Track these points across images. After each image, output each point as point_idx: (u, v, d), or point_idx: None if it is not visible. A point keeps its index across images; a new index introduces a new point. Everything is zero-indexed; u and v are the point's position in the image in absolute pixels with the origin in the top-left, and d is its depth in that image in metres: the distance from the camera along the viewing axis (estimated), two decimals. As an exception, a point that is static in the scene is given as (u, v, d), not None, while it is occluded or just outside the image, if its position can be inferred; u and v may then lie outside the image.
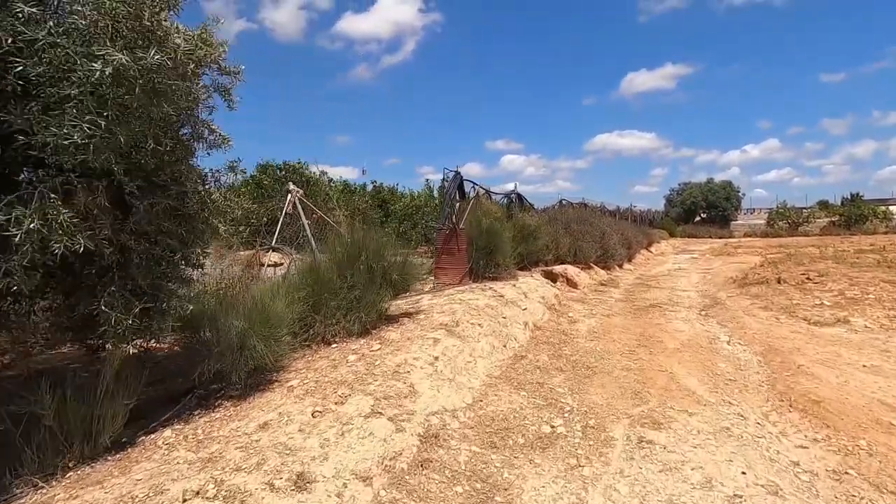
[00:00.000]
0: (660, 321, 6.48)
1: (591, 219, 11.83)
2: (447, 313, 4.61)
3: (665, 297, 8.52)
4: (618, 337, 5.57)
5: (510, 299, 5.64)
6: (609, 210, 22.73)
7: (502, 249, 7.15)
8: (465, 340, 3.99)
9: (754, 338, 5.57)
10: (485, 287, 6.12)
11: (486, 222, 7.33)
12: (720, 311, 7.29)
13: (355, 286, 4.23)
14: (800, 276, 8.51)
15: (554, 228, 9.90)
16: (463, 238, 6.67)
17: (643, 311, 7.26)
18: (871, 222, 34.67)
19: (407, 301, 5.51)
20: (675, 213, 39.19)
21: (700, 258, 18.20)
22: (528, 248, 8.81)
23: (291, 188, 6.54)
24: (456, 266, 6.59)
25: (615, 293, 9.00)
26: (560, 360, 4.53)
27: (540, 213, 11.21)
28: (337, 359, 3.51)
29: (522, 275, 8.01)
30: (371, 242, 4.47)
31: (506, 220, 8.84)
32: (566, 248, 9.89)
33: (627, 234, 15.35)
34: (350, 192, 9.41)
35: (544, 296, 6.57)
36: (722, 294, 8.61)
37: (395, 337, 3.96)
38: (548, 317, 5.92)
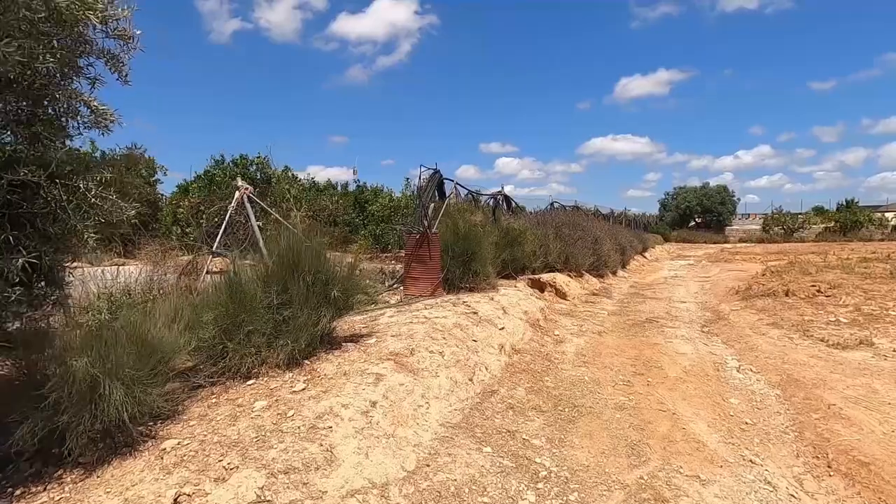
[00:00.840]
0: (657, 340, 5.70)
1: (584, 223, 11.07)
2: (404, 336, 3.80)
3: (662, 310, 7.75)
4: (610, 361, 4.78)
5: (485, 317, 4.83)
6: (603, 214, 22.03)
7: (482, 257, 6.34)
8: (418, 376, 3.17)
9: (768, 363, 4.80)
10: (458, 300, 5.31)
11: (464, 226, 6.53)
12: (724, 327, 6.52)
13: (286, 304, 3.41)
14: (809, 287, 7.77)
15: (543, 233, 9.11)
16: (436, 244, 5.86)
17: (639, 327, 6.47)
18: (867, 228, 34.30)
19: (365, 317, 4.69)
20: (670, 218, 38.61)
21: (696, 265, 17.51)
22: (514, 255, 8.02)
23: (239, 184, 5.71)
24: (427, 275, 5.78)
25: (608, 305, 8.22)
26: (540, 394, 3.72)
27: (528, 217, 10.43)
28: (244, 404, 2.68)
29: (506, 284, 7.22)
30: (309, 250, 3.65)
31: (489, 224, 8.05)
32: (556, 255, 9.10)
33: (621, 239, 14.61)
34: (317, 190, 8.58)
35: (527, 310, 5.77)
36: (724, 307, 7.85)
37: (329, 371, 3.14)
38: (529, 336, 5.11)
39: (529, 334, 5.17)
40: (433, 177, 7.93)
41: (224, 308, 3.17)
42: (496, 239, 7.89)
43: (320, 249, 3.70)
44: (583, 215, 13.15)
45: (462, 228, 6.44)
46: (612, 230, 14.92)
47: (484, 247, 6.49)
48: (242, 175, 6.96)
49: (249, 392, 2.86)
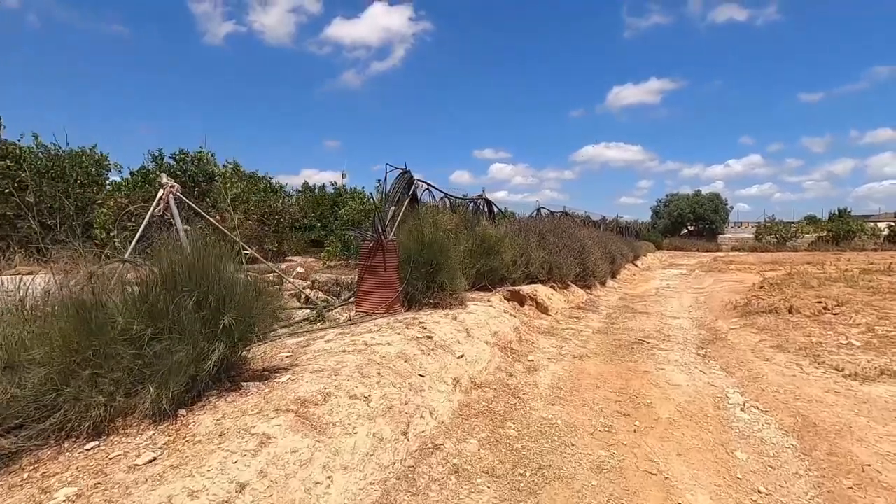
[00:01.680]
0: (647, 367, 4.93)
1: (570, 230, 10.33)
2: (327, 372, 2.99)
3: (653, 328, 7.00)
4: (591, 396, 3.99)
5: (442, 341, 4.03)
6: (594, 220, 21.36)
7: (449, 267, 5.55)
8: (325, 434, 2.36)
9: (777, 399, 4.04)
10: (414, 320, 4.50)
11: (430, 233, 5.75)
12: (723, 350, 5.77)
13: (163, 335, 2.60)
14: (815, 304, 7.06)
15: (524, 241, 8.35)
16: (392, 253, 5.07)
17: (626, 349, 5.70)
18: (860, 238, 33.99)
19: (299, 341, 3.87)
20: (662, 225, 38.14)
21: (689, 274, 16.84)
22: (490, 265, 7.25)
23: (164, 181, 4.89)
24: (381, 290, 4.98)
25: (594, 321, 7.45)
26: (497, 448, 2.92)
27: (510, 223, 9.67)
28: (49, 489, 1.86)
29: (479, 298, 6.43)
30: (204, 262, 2.84)
31: (463, 231, 7.27)
32: (538, 265, 8.34)
33: (611, 247, 13.90)
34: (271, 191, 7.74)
35: (498, 331, 4.98)
36: (722, 324, 7.11)
37: (203, 428, 2.32)
38: (497, 364, 4.32)
39: (497, 361, 4.37)
40: (401, 177, 7.15)
41: (63, 340, 2.34)
42: (471, 247, 7.13)
43: (215, 263, 2.89)
44: (570, 222, 12.42)
45: (428, 235, 5.65)
46: (602, 238, 14.22)
47: (452, 256, 5.71)
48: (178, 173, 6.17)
49: (74, 465, 2.04)
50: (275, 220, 7.07)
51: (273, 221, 6.83)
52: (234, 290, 2.89)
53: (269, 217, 6.95)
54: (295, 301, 5.56)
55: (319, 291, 5.90)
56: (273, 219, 6.99)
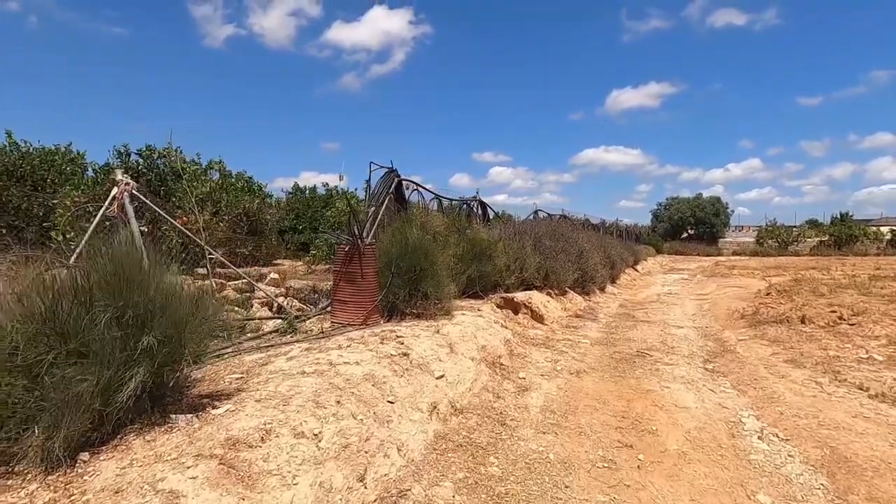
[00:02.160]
0: (651, 385, 4.46)
1: (568, 234, 9.87)
2: (274, 401, 2.53)
3: (656, 338, 6.53)
4: (588, 422, 3.52)
5: (419, 359, 3.56)
6: (593, 224, 20.92)
7: (435, 274, 5.09)
8: (253, 488, 1.89)
9: (799, 425, 3.57)
10: (391, 333, 4.04)
11: (415, 236, 5.29)
12: (733, 364, 5.30)
13: (70, 359, 2.14)
14: (828, 313, 6.60)
15: (519, 245, 7.90)
16: (370, 259, 4.60)
17: (627, 363, 5.23)
18: (862, 243, 33.58)
19: (257, 358, 3.41)
20: (662, 229, 37.70)
21: (691, 279, 16.39)
22: (482, 270, 6.79)
23: (118, 178, 4.43)
24: (358, 299, 4.51)
25: (592, 331, 6.98)
26: (476, 493, 2.45)
27: (505, 226, 9.22)
28: None
29: (469, 307, 5.97)
30: (128, 269, 2.38)
31: (453, 235, 6.82)
32: (533, 270, 7.88)
33: (611, 251, 13.44)
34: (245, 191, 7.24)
35: (486, 344, 4.51)
36: (730, 335, 6.65)
37: (101, 480, 1.86)
38: (483, 383, 3.85)
39: (483, 380, 3.90)
40: (386, 177, 6.71)
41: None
42: (461, 252, 6.68)
43: (145, 269, 2.43)
44: (568, 225, 11.98)
45: (412, 239, 5.19)
46: (601, 242, 13.77)
47: (439, 262, 5.25)
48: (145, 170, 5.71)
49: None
50: (249, 221, 6.58)
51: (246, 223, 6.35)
52: (166, 302, 2.42)
53: (242, 218, 6.46)
54: (266, 310, 5.10)
55: (294, 299, 5.44)
56: (246, 220, 6.50)
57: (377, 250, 5.07)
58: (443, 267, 5.43)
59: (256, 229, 6.62)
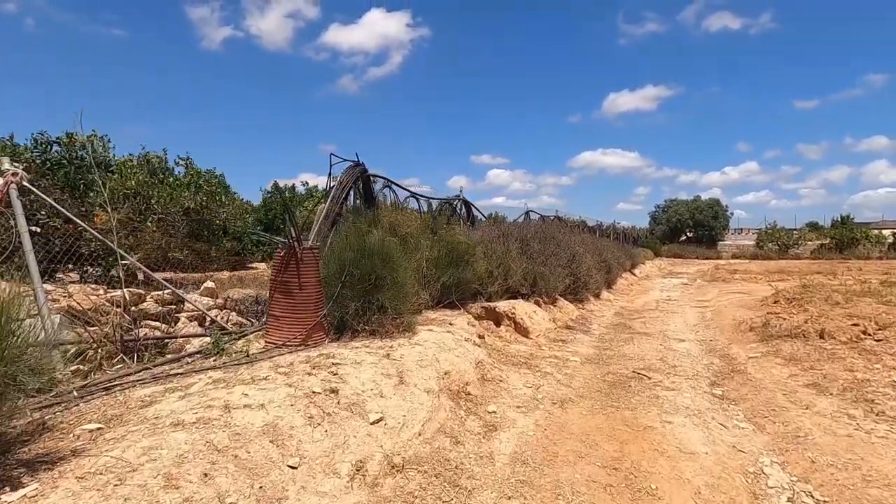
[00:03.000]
0: (650, 418, 3.69)
1: (560, 236, 9.11)
2: (104, 480, 1.75)
3: (655, 355, 5.76)
4: (569, 478, 2.75)
5: (352, 396, 2.78)
6: (589, 226, 20.18)
7: (396, 283, 4.32)
8: None
9: (839, 482, 2.79)
10: (326, 360, 3.25)
11: (375, 238, 4.51)
12: (745, 388, 4.53)
13: None
14: (850, 327, 5.83)
15: (503, 249, 7.13)
16: (311, 265, 3.82)
17: (622, 387, 4.46)
18: (864, 246, 32.91)
19: (146, 394, 2.63)
20: (661, 232, 37.01)
21: (691, 284, 15.64)
22: (460, 277, 6.01)
23: (4, 168, 3.66)
24: (295, 314, 3.73)
25: (584, 345, 6.21)
26: None
27: (490, 227, 8.46)
28: None
29: (440, 319, 5.19)
30: None
31: (426, 237, 6.05)
32: (519, 276, 7.11)
33: (607, 255, 12.69)
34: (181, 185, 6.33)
35: (451, 369, 3.73)
36: (738, 351, 5.88)
37: None
38: (440, 422, 3.07)
39: (441, 419, 3.12)
40: (350, 171, 5.94)
41: None
42: (436, 256, 5.91)
43: None
44: (562, 227, 11.23)
45: (371, 242, 4.42)
46: (597, 245, 13.02)
47: (401, 268, 4.47)
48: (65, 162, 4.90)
49: None
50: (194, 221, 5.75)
51: (185, 223, 5.55)
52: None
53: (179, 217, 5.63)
54: (194, 326, 4.31)
55: (234, 312, 4.65)
56: (186, 220, 5.68)
57: (324, 255, 4.30)
58: (408, 274, 4.66)
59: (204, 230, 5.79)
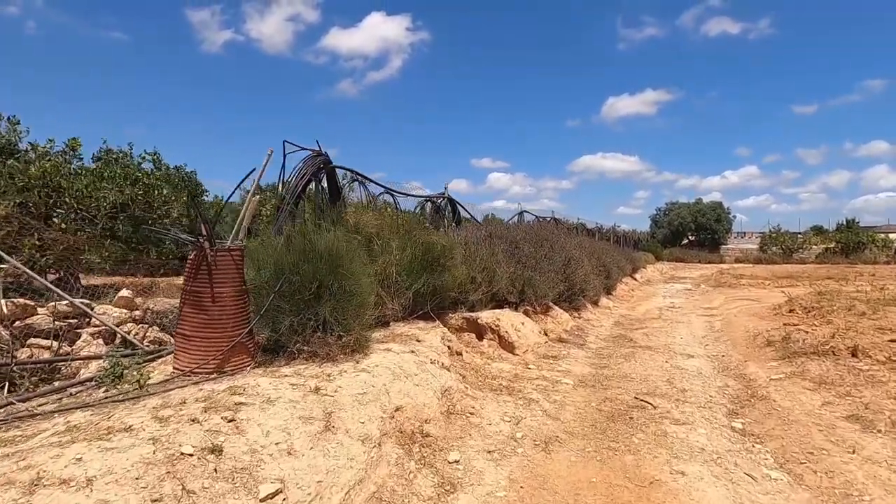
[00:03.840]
0: (657, 468, 2.90)
1: (554, 238, 8.32)
2: None
3: (660, 375, 4.97)
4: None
5: (243, 454, 2.00)
6: (588, 228, 19.40)
7: (345, 292, 3.54)
8: None
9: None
10: (229, 396, 2.47)
11: (327, 239, 3.74)
12: (771, 420, 3.74)
13: None
14: (886, 343, 5.03)
15: (488, 252, 6.35)
16: (228, 272, 3.04)
17: (622, 420, 3.67)
18: (871, 250, 32.09)
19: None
20: (662, 235, 36.20)
21: (695, 290, 14.84)
22: (435, 284, 5.22)
23: None
24: (208, 332, 2.95)
25: (577, 363, 5.41)
26: None
27: (477, 228, 7.68)
28: None
29: (406, 335, 4.41)
30: None
31: (395, 237, 5.27)
32: (507, 282, 6.33)
33: (606, 259, 11.90)
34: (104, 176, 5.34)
35: (404, 404, 2.95)
36: (756, 370, 5.08)
37: None
38: (376, 484, 2.28)
39: (379, 478, 2.33)
40: (310, 162, 5.19)
41: None
42: (408, 259, 5.13)
43: None
44: (558, 229, 10.46)
45: (322, 244, 3.65)
46: (595, 248, 12.23)
47: (357, 275, 3.69)
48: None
49: None
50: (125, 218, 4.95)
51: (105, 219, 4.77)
52: None
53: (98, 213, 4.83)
54: (98, 345, 3.53)
55: (154, 327, 3.87)
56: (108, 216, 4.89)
57: (261, 258, 3.52)
58: (365, 282, 3.88)
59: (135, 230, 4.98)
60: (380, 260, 4.76)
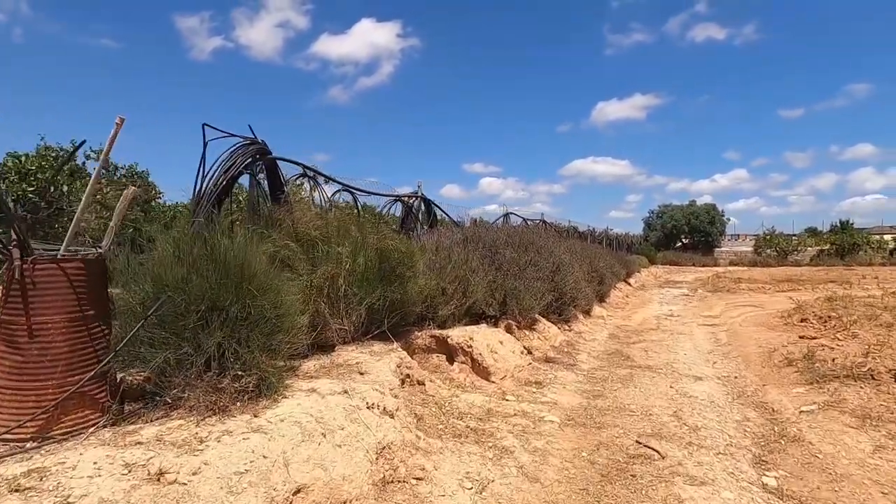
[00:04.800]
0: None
1: (542, 242, 7.47)
2: None
3: (665, 404, 4.10)
4: None
5: None
6: (580, 231, 18.60)
7: (255, 315, 2.65)
8: None
9: None
10: (19, 491, 1.56)
11: (238, 244, 2.86)
12: (811, 475, 2.88)
13: None
14: (933, 363, 4.22)
15: (464, 258, 5.47)
16: (59, 293, 2.13)
17: (621, 481, 2.79)
18: (866, 252, 31.63)
19: None
20: (655, 238, 35.53)
21: (692, 295, 14.05)
22: (395, 296, 4.33)
23: None
24: (27, 379, 2.04)
25: (566, 390, 4.52)
26: None
27: (452, 232, 6.81)
28: None
29: (349, 364, 3.51)
30: None
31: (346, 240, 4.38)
32: (483, 293, 5.46)
33: (599, 264, 11.08)
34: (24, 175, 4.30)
35: (310, 481, 2.05)
36: (778, 397, 4.23)
37: None
38: None
39: None
40: (241, 151, 4.30)
41: None
42: (362, 268, 4.24)
43: None
44: (545, 232, 9.61)
45: (220, 250, 2.75)
46: (587, 252, 11.41)
47: (270, 292, 2.80)
48: None
49: None
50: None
51: None
52: None
53: None
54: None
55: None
56: None
57: (142, 271, 2.62)
58: (290, 300, 2.99)
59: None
60: (320, 270, 3.87)
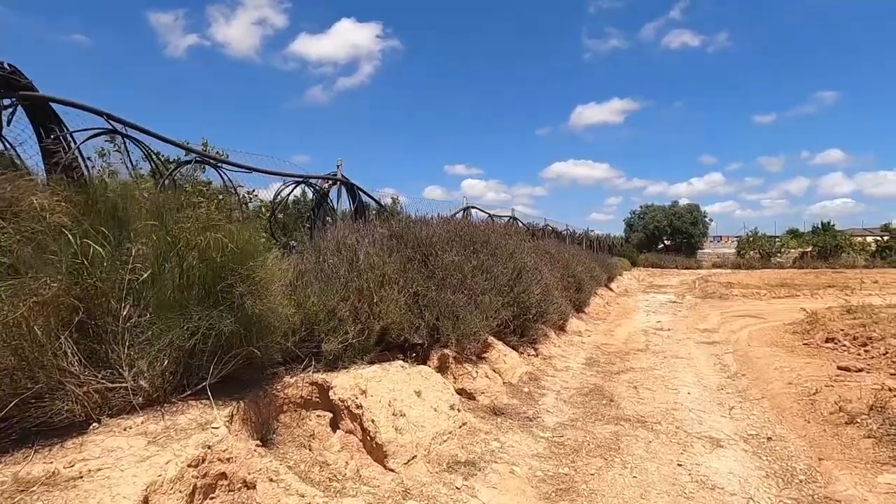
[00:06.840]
0: None
1: (500, 241, 5.76)
2: None
3: (676, 511, 2.42)
4: None
5: None
6: (558, 231, 17.05)
7: None
8: None
9: None
10: None
11: None
12: None
13: None
14: None
15: (377, 261, 3.72)
16: None
17: None
18: (849, 254, 30.98)
19: None
20: (637, 239, 34.35)
21: (680, 301, 12.56)
22: (226, 326, 2.54)
23: None
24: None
25: (512, 479, 2.79)
26: None
27: (372, 228, 5.04)
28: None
29: (93, 468, 1.72)
30: None
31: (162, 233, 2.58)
32: (402, 314, 3.71)
33: (577, 268, 9.45)
34: None
35: None
36: (853, 490, 2.60)
37: None
38: None
39: None
40: None
41: None
42: (173, 283, 2.46)
43: None
44: (510, 231, 7.93)
45: None
46: (564, 255, 9.78)
47: None
48: None
49: None
50: None
51: None
52: None
53: None
54: None
55: None
56: None
57: None
58: None
59: None
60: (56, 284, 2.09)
